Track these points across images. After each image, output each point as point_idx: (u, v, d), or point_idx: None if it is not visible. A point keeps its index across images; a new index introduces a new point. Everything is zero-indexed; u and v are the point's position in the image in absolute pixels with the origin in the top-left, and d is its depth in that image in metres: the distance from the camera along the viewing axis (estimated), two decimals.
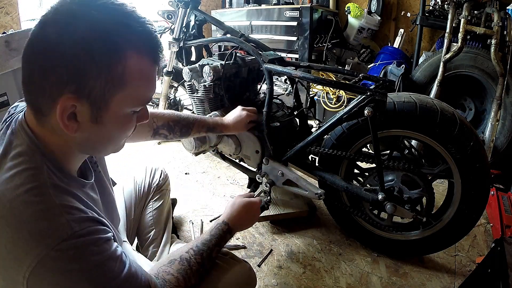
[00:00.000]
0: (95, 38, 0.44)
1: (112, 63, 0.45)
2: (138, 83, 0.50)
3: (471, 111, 2.15)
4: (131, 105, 0.52)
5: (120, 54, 0.46)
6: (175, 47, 1.80)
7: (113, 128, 0.52)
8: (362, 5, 3.28)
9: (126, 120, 0.54)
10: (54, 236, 0.45)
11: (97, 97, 0.47)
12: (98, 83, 0.46)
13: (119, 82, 0.47)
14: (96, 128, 0.51)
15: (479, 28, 1.83)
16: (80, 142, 0.53)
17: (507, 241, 0.85)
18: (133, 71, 0.48)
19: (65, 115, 0.47)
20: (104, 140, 0.55)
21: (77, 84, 0.45)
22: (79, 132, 0.50)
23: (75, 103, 0.46)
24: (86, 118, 0.49)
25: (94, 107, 0.48)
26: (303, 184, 1.20)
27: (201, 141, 1.43)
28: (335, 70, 1.93)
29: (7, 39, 1.56)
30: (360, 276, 1.20)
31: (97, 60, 0.44)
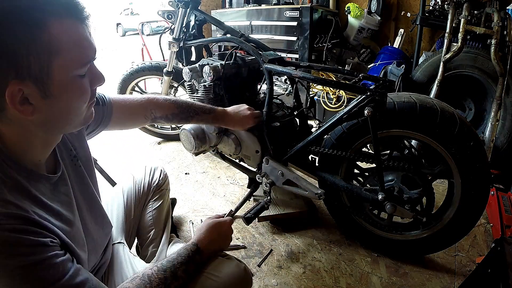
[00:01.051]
0: (12, 19, 0.44)
1: (35, 36, 0.46)
2: (69, 45, 0.50)
3: (471, 111, 2.15)
4: (72, 68, 0.52)
5: (39, 25, 0.46)
6: (175, 47, 1.81)
7: (66, 97, 0.53)
8: (362, 5, 3.28)
9: (76, 86, 0.53)
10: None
11: (37, 73, 0.48)
12: (32, 60, 0.47)
13: (50, 51, 0.48)
14: (50, 104, 0.51)
15: (479, 28, 1.82)
16: (40, 122, 0.53)
17: (507, 241, 0.85)
18: (59, 36, 0.48)
19: (16, 101, 0.48)
20: (63, 113, 0.54)
21: (15, 68, 0.46)
22: (37, 113, 0.51)
23: (20, 87, 0.47)
24: (37, 97, 0.50)
25: (38, 83, 0.49)
26: (303, 184, 1.20)
27: (201, 141, 1.44)
28: (335, 70, 1.93)
29: None
30: (360, 276, 1.20)
31: (21, 39, 0.45)
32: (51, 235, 0.53)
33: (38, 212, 0.53)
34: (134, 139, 2.46)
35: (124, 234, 1.01)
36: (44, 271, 0.49)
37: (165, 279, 0.67)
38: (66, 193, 0.64)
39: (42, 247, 0.50)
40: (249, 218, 1.25)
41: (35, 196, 0.54)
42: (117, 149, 2.33)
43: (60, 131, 0.61)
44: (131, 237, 1.08)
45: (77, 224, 0.65)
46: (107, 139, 2.48)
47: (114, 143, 2.42)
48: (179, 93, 2.19)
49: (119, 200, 1.07)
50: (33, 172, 0.57)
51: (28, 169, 0.56)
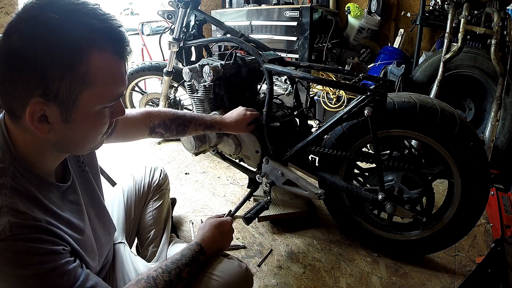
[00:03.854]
0: (55, 41, 0.44)
1: (74, 63, 0.46)
2: (104, 81, 0.50)
3: (471, 111, 2.15)
4: (100, 102, 0.51)
5: (81, 53, 0.46)
6: (175, 47, 1.81)
7: (85, 126, 0.53)
8: (362, 5, 3.28)
9: (98, 117, 0.53)
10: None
11: (64, 98, 0.47)
12: (63, 85, 0.46)
13: (84, 81, 0.47)
14: (68, 128, 0.51)
15: (479, 28, 1.82)
16: (54, 142, 0.53)
17: (507, 241, 0.85)
18: (97, 69, 0.48)
19: (35, 118, 0.47)
20: (78, 138, 0.54)
21: (44, 88, 0.45)
22: (52, 133, 0.51)
23: (43, 107, 0.47)
24: (57, 119, 0.49)
25: (62, 108, 0.48)
26: (303, 184, 1.20)
27: (201, 141, 1.43)
28: (335, 70, 1.92)
29: None
30: (360, 276, 1.20)
31: (59, 63, 0.45)
32: (63, 243, 0.53)
33: (49, 221, 0.52)
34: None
35: (124, 234, 1.01)
36: (58, 278, 0.50)
37: (170, 282, 0.67)
38: (76, 201, 0.64)
39: (55, 255, 0.50)
40: (249, 218, 1.25)
41: (46, 206, 0.54)
42: (117, 149, 2.33)
43: (71, 152, 0.61)
44: (131, 237, 1.08)
45: (87, 232, 0.65)
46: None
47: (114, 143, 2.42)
48: (179, 93, 2.19)
49: (119, 200, 1.07)
50: (44, 181, 0.56)
51: (40, 177, 0.55)
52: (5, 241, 0.45)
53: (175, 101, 2.16)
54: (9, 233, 0.46)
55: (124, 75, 0.53)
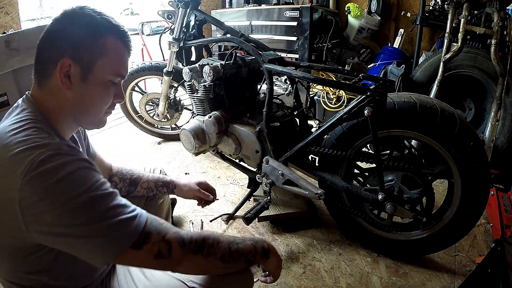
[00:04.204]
0: (87, 23, 0.64)
1: (96, 38, 0.64)
2: (114, 57, 0.67)
3: (471, 111, 2.15)
4: (109, 73, 0.67)
5: (102, 34, 0.65)
6: (175, 47, 1.81)
7: (96, 90, 0.66)
8: (362, 5, 3.28)
9: (105, 87, 0.68)
10: (44, 147, 0.54)
11: (85, 61, 0.64)
12: (87, 51, 0.63)
13: (101, 52, 0.65)
14: (83, 88, 0.65)
15: (479, 28, 1.83)
16: (71, 102, 0.65)
17: (507, 241, 0.85)
18: (110, 47, 0.66)
19: (62, 72, 0.62)
20: (88, 102, 0.67)
21: (73, 51, 0.63)
22: (71, 91, 0.64)
23: (70, 63, 0.62)
24: (77, 78, 0.64)
25: (83, 68, 0.64)
26: (303, 184, 1.20)
27: (201, 141, 1.44)
28: (335, 70, 1.93)
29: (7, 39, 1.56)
30: (360, 276, 1.20)
31: (87, 36, 0.64)
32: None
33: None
34: (134, 139, 2.47)
35: None
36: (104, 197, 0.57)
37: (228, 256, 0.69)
38: None
39: (100, 175, 0.60)
40: (249, 218, 1.25)
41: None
42: (117, 149, 2.33)
43: (81, 117, 0.69)
44: None
45: None
46: (108, 139, 2.48)
47: (114, 143, 2.43)
48: (179, 93, 2.19)
49: None
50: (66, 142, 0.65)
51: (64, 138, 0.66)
52: (57, 150, 0.55)
53: (175, 101, 2.16)
54: (59, 147, 0.56)
55: (127, 63, 0.71)
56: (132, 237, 0.56)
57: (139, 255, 0.57)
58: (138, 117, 2.33)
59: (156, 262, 0.59)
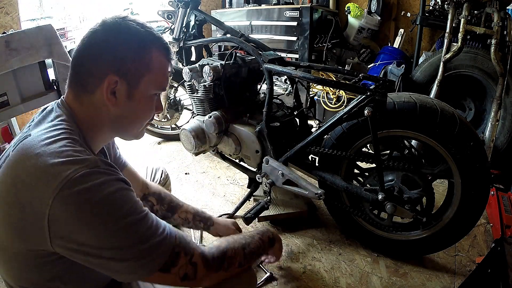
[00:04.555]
0: (132, 36, 0.62)
1: (142, 53, 0.63)
2: (159, 71, 0.66)
3: (471, 111, 2.15)
4: (154, 87, 0.66)
5: (147, 48, 0.64)
6: (175, 47, 1.80)
7: (140, 106, 0.66)
8: (362, 5, 3.28)
9: (150, 101, 0.68)
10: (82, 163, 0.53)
11: (131, 77, 0.62)
12: (133, 67, 0.62)
13: (147, 67, 0.63)
14: (128, 105, 0.64)
15: (479, 28, 1.82)
16: (114, 117, 0.65)
17: (507, 241, 0.85)
18: (156, 61, 0.65)
19: (109, 90, 0.61)
20: (133, 117, 0.67)
21: (119, 67, 0.61)
22: (115, 107, 0.63)
23: (117, 79, 0.61)
24: (123, 95, 0.63)
25: (129, 85, 0.62)
26: (303, 184, 1.20)
27: (201, 141, 1.44)
28: (335, 70, 1.93)
29: (7, 39, 1.55)
30: (360, 276, 1.20)
31: (133, 50, 0.62)
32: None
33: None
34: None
35: None
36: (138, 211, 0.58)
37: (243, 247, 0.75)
38: None
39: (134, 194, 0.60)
40: (249, 218, 1.25)
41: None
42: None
43: (123, 131, 0.70)
44: None
45: None
46: None
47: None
48: (179, 93, 2.19)
49: None
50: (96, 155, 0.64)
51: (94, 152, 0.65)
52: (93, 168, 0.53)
53: (175, 101, 2.16)
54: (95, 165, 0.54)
55: (168, 74, 0.70)
56: (163, 260, 0.57)
57: (167, 277, 0.59)
58: None
59: (182, 283, 0.61)
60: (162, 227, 0.59)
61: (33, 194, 0.51)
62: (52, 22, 1.80)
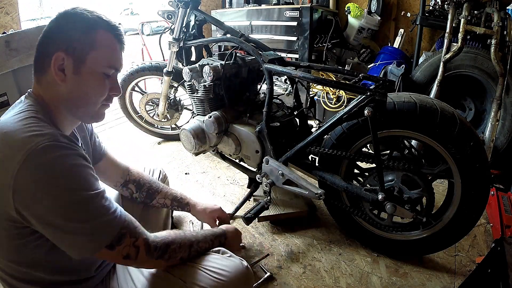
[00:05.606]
0: (80, 19, 0.67)
1: (88, 32, 0.67)
2: (105, 50, 0.69)
3: (471, 111, 2.15)
4: (102, 65, 0.69)
5: (94, 28, 0.68)
6: (175, 47, 1.80)
7: (88, 82, 0.69)
8: (362, 5, 3.28)
9: (99, 79, 0.70)
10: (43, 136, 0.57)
11: (78, 53, 0.66)
12: (79, 44, 0.66)
13: (92, 44, 0.67)
14: (76, 80, 0.67)
15: (479, 28, 1.82)
16: (65, 94, 0.68)
17: (507, 241, 0.85)
18: (101, 40, 0.68)
19: (57, 65, 0.65)
20: (81, 93, 0.69)
21: (66, 46, 0.66)
22: (65, 83, 0.67)
23: (64, 56, 0.65)
24: (70, 70, 0.66)
25: (75, 60, 0.66)
26: (303, 184, 1.20)
27: (201, 141, 1.44)
28: (335, 70, 1.93)
29: (7, 39, 1.56)
30: (360, 276, 1.20)
31: (79, 30, 0.67)
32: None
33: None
34: (134, 139, 2.46)
35: None
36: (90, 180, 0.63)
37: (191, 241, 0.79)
38: None
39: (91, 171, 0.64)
40: (249, 218, 1.25)
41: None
42: (117, 149, 2.33)
43: (77, 109, 0.71)
44: None
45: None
46: (108, 139, 2.48)
47: (114, 143, 2.42)
48: (179, 93, 2.19)
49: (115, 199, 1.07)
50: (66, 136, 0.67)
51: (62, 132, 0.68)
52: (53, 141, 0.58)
53: (175, 101, 2.16)
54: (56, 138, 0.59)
55: (121, 57, 0.73)
56: (109, 238, 0.63)
57: (111, 254, 0.64)
58: (138, 117, 2.33)
59: (123, 261, 0.67)
60: (114, 208, 0.65)
61: (1, 166, 0.57)
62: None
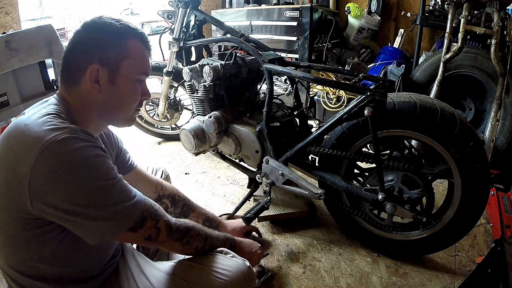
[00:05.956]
0: (110, 30, 0.69)
1: (119, 42, 0.70)
2: (136, 57, 0.72)
3: (471, 111, 2.15)
4: (135, 72, 0.73)
5: (124, 37, 0.71)
6: (175, 47, 1.80)
7: (124, 90, 0.72)
8: (362, 5, 3.28)
9: (132, 86, 0.73)
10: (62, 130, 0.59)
11: (111, 64, 0.69)
12: (112, 54, 0.69)
13: (125, 53, 0.70)
14: (112, 90, 0.70)
15: (479, 28, 1.82)
16: (101, 103, 0.70)
17: (507, 241, 0.85)
18: (132, 47, 0.72)
19: (92, 78, 0.68)
20: (118, 101, 0.72)
21: (99, 57, 0.68)
22: (100, 94, 0.69)
23: (98, 68, 0.68)
24: (105, 81, 0.69)
25: (110, 71, 0.69)
26: (303, 184, 1.20)
27: (201, 141, 1.44)
28: (335, 70, 1.93)
29: (7, 39, 1.55)
30: (360, 276, 1.20)
31: (111, 40, 0.69)
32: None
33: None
34: (134, 139, 2.46)
35: None
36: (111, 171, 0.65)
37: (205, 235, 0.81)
38: None
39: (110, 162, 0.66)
40: (249, 218, 1.25)
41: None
42: None
43: (112, 116, 0.75)
44: None
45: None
46: None
47: None
48: (179, 93, 2.19)
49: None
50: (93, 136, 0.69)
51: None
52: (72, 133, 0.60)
53: (175, 101, 2.16)
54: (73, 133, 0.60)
55: (148, 61, 0.77)
56: (131, 222, 0.64)
57: (133, 236, 0.66)
58: (138, 117, 2.33)
59: (144, 242, 0.69)
60: (133, 193, 0.67)
61: (18, 158, 0.57)
62: (52, 22, 1.80)
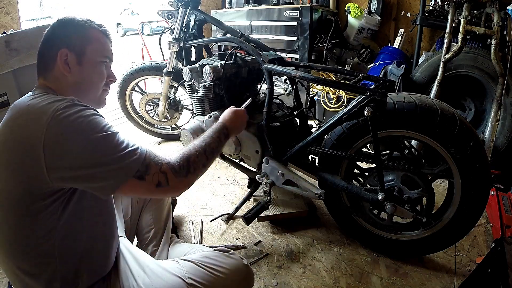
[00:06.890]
0: (74, 24, 0.79)
1: (84, 31, 0.80)
2: (98, 42, 0.81)
3: (471, 111, 2.15)
4: (97, 55, 0.81)
5: (87, 28, 0.80)
6: (175, 47, 1.80)
7: (90, 71, 0.80)
8: (362, 5, 3.28)
9: (98, 67, 0.81)
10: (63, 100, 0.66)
11: (78, 48, 0.78)
12: (78, 41, 0.78)
13: (88, 40, 0.79)
14: (80, 70, 0.78)
15: (479, 28, 1.82)
16: (72, 83, 0.77)
17: (507, 241, 0.85)
18: (95, 35, 0.81)
19: (62, 60, 0.75)
20: (87, 81, 0.80)
21: (67, 43, 0.77)
22: (71, 74, 0.76)
23: (67, 52, 0.76)
24: (74, 63, 0.77)
25: (77, 54, 0.77)
26: (303, 184, 1.20)
27: None
28: (335, 70, 1.93)
29: (7, 39, 1.55)
30: (360, 276, 1.20)
31: (76, 31, 0.79)
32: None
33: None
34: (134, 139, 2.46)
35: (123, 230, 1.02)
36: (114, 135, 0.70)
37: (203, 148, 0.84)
38: None
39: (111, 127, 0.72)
40: (249, 218, 1.25)
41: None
42: None
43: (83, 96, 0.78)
44: (129, 236, 1.08)
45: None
46: None
47: None
48: (179, 93, 2.19)
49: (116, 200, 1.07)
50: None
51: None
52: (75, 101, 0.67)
53: (175, 101, 2.16)
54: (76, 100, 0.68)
55: (110, 47, 0.85)
56: (136, 166, 0.68)
57: (143, 185, 0.69)
58: (138, 117, 2.33)
59: (158, 191, 0.71)
60: (133, 142, 0.73)
61: (29, 130, 0.63)
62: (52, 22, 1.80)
